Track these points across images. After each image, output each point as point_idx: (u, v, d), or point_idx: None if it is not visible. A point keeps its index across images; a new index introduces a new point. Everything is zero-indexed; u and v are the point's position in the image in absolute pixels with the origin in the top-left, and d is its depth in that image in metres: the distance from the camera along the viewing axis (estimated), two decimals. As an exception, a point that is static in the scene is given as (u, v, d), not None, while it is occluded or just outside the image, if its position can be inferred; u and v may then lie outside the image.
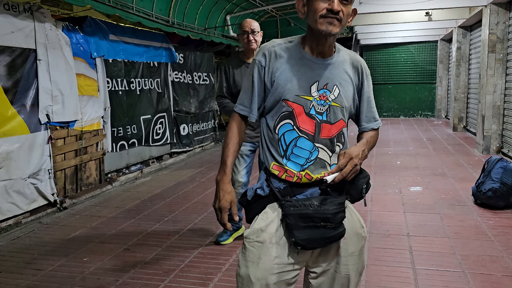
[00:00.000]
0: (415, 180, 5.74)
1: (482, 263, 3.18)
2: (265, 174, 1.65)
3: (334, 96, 1.59)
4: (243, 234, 1.61)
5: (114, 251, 3.58)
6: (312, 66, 1.58)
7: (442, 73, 13.66)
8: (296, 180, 1.57)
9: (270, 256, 1.55)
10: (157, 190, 5.60)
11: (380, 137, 8.03)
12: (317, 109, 1.57)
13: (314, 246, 1.53)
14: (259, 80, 1.62)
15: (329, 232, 1.51)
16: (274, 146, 1.60)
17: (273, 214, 1.58)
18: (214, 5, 8.51)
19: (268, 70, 1.59)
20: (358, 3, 7.84)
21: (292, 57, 1.59)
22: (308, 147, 1.57)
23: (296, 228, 1.50)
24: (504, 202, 4.34)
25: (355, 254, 1.63)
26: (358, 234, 1.64)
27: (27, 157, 4.37)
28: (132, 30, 6.47)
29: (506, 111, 7.25)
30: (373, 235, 3.77)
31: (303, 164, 1.57)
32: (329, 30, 1.49)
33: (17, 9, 4.26)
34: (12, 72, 4.23)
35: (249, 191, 1.66)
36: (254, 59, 1.63)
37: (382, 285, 2.88)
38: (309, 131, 1.57)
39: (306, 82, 1.57)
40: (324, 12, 1.48)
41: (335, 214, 1.50)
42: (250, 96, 1.64)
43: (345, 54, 1.67)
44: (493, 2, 7.17)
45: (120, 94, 6.13)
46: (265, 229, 1.56)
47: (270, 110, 1.62)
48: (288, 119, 1.57)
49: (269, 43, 1.65)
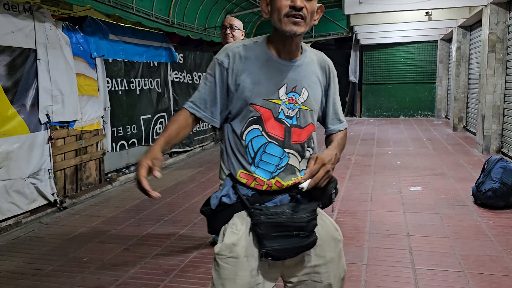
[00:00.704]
0: (415, 180, 5.74)
1: (482, 263, 3.18)
2: (231, 181, 1.54)
3: (303, 99, 1.52)
4: (214, 251, 1.50)
5: (114, 251, 3.58)
6: (280, 68, 1.50)
7: (442, 73, 13.66)
8: (266, 188, 1.49)
9: (247, 270, 1.46)
10: (156, 190, 5.53)
11: (380, 137, 8.00)
12: (286, 113, 1.49)
13: (285, 256, 1.46)
14: (221, 82, 1.51)
15: (302, 241, 1.44)
16: (241, 153, 1.51)
17: (242, 225, 1.49)
18: (214, 5, 8.51)
19: (232, 72, 1.49)
20: (358, 3, 7.83)
21: (258, 58, 1.50)
22: (277, 153, 1.49)
23: (267, 238, 1.42)
24: (504, 202, 4.34)
25: (335, 260, 1.58)
26: (334, 239, 1.59)
27: (27, 157, 4.37)
28: (132, 30, 6.47)
29: (506, 111, 7.24)
30: (373, 235, 3.77)
31: (273, 171, 1.49)
32: (294, 30, 1.42)
33: (17, 9, 4.26)
34: (12, 72, 4.23)
35: (212, 199, 1.54)
36: (216, 58, 1.52)
37: (382, 285, 2.88)
38: (279, 136, 1.49)
39: (274, 85, 1.49)
40: (287, 10, 1.41)
41: (309, 221, 1.44)
42: (210, 98, 1.53)
43: (312, 54, 1.60)
44: (493, 2, 7.17)
45: (120, 94, 6.13)
46: (237, 242, 1.46)
47: (236, 116, 1.51)
48: (256, 124, 1.48)
49: (233, 43, 1.56)
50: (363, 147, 8.55)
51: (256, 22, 11.13)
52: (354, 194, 5.10)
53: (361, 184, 5.58)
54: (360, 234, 3.80)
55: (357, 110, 15.45)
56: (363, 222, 4.12)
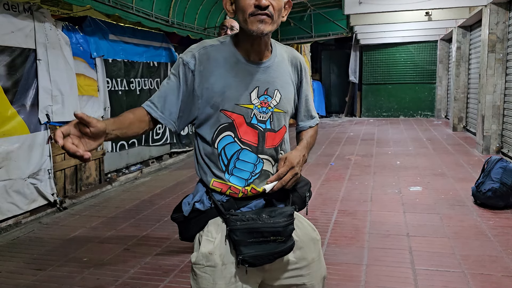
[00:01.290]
0: (414, 180, 5.74)
1: (482, 263, 3.18)
2: (204, 187, 1.49)
3: (276, 101, 1.46)
4: (191, 260, 1.46)
5: (114, 251, 3.58)
6: (249, 70, 1.43)
7: (442, 73, 13.66)
8: (241, 196, 1.45)
9: (225, 278, 1.42)
10: (157, 190, 5.60)
11: (380, 137, 7.98)
12: (259, 117, 1.44)
13: (262, 262, 1.41)
14: (184, 84, 1.42)
15: (279, 246, 1.41)
16: (213, 162, 1.45)
17: (218, 233, 1.44)
18: (214, 5, 8.51)
19: (198, 75, 1.41)
20: (358, 3, 7.83)
21: (227, 61, 1.43)
22: (252, 159, 1.44)
23: (243, 244, 1.38)
24: (504, 202, 4.34)
25: (316, 260, 1.56)
26: (313, 239, 1.57)
27: (27, 157, 4.37)
28: (132, 30, 6.47)
29: (506, 111, 7.24)
30: (373, 235, 3.77)
31: (247, 179, 1.45)
32: (261, 29, 1.35)
33: (17, 9, 4.26)
34: (12, 72, 4.23)
35: (184, 205, 1.49)
36: (181, 58, 1.43)
37: (382, 285, 2.88)
38: (252, 142, 1.44)
39: (245, 89, 1.42)
40: (252, 9, 1.34)
41: (286, 226, 1.41)
42: (171, 100, 1.43)
43: (283, 51, 1.54)
44: (493, 2, 7.17)
45: (120, 94, 6.13)
46: (214, 251, 1.42)
47: (204, 122, 1.44)
48: (228, 131, 1.42)
49: (199, 43, 1.47)
50: (363, 147, 8.55)
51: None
52: (354, 194, 5.10)
53: (361, 184, 5.58)
54: (360, 234, 3.80)
55: (357, 110, 15.46)
56: (363, 222, 4.12)
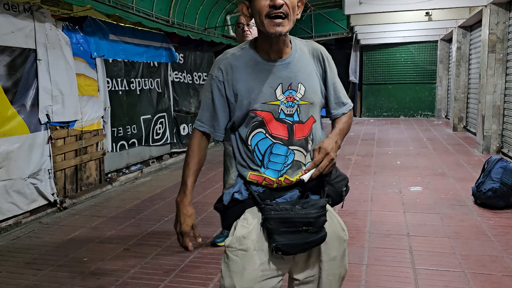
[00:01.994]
0: (415, 180, 5.74)
1: (482, 263, 3.18)
2: (242, 179, 1.59)
3: (301, 94, 1.53)
4: (225, 243, 1.55)
5: (114, 251, 3.58)
6: (271, 69, 1.52)
7: (442, 73, 13.65)
8: (276, 186, 1.54)
9: (255, 264, 1.50)
10: (157, 190, 5.60)
11: (380, 137, 7.96)
12: (286, 112, 1.52)
13: (295, 251, 1.49)
14: (220, 97, 1.55)
15: (310, 237, 1.47)
16: (249, 157, 1.56)
17: (254, 219, 1.53)
18: (214, 5, 8.51)
19: (228, 84, 1.53)
20: (358, 3, 7.83)
21: (248, 65, 1.52)
22: (283, 152, 1.53)
23: (277, 233, 1.46)
24: (504, 202, 4.34)
25: (337, 259, 1.60)
26: (340, 238, 1.61)
27: (27, 157, 4.37)
28: (132, 30, 6.47)
29: (506, 111, 7.24)
30: (373, 235, 3.77)
31: (280, 170, 1.53)
32: (278, 31, 1.43)
33: (17, 9, 4.26)
34: (12, 72, 4.23)
35: (225, 196, 1.60)
36: (210, 74, 1.57)
37: (382, 285, 2.88)
38: (283, 136, 1.53)
39: (269, 87, 1.51)
40: (267, 10, 1.41)
41: (317, 217, 1.46)
42: (210, 114, 1.58)
43: (302, 45, 1.60)
44: (493, 2, 7.17)
45: (120, 94, 6.13)
46: (248, 236, 1.51)
47: (240, 124, 1.56)
48: (260, 128, 1.53)
49: (222, 55, 1.58)
50: (363, 147, 8.55)
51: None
52: (354, 194, 5.10)
53: (361, 184, 5.58)
54: (360, 234, 3.80)
55: (357, 110, 15.45)
56: (363, 222, 4.12)
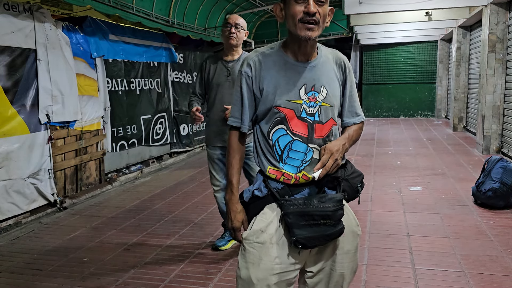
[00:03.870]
0: (415, 180, 5.74)
1: (482, 263, 3.18)
2: (262, 176, 1.67)
3: (322, 96, 1.61)
4: (242, 236, 1.63)
5: (114, 251, 3.58)
6: (297, 70, 1.61)
7: (442, 73, 13.65)
8: (294, 182, 1.60)
9: (271, 256, 1.56)
10: (157, 190, 5.60)
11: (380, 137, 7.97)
12: (308, 111, 1.60)
13: (314, 244, 1.55)
14: (248, 91, 1.64)
15: (329, 229, 1.54)
16: (269, 152, 1.63)
17: (272, 214, 1.60)
18: (214, 5, 8.51)
19: (256, 80, 1.62)
20: (358, 3, 7.83)
21: (276, 63, 1.61)
22: (302, 149, 1.60)
23: (296, 227, 1.53)
24: (504, 202, 4.34)
25: (351, 252, 1.67)
26: (353, 232, 1.68)
27: (27, 157, 4.37)
28: (132, 30, 6.47)
29: (506, 111, 7.24)
30: (373, 235, 3.77)
31: (299, 166, 1.59)
32: (309, 35, 1.52)
33: (17, 9, 4.26)
34: (12, 72, 4.23)
35: (245, 193, 1.68)
36: (240, 71, 1.65)
37: (382, 285, 2.88)
38: (303, 133, 1.60)
39: (294, 86, 1.59)
40: (301, 15, 1.50)
41: (335, 211, 1.54)
42: (240, 108, 1.66)
43: (328, 53, 1.70)
44: (493, 2, 7.17)
45: (120, 94, 6.13)
46: (265, 229, 1.58)
47: (262, 118, 1.64)
48: (281, 124, 1.60)
49: (252, 52, 1.67)
50: (363, 147, 8.55)
51: (256, 22, 11.12)
52: (354, 194, 5.09)
53: (361, 184, 5.58)
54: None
55: (357, 110, 15.44)
56: (363, 222, 4.12)
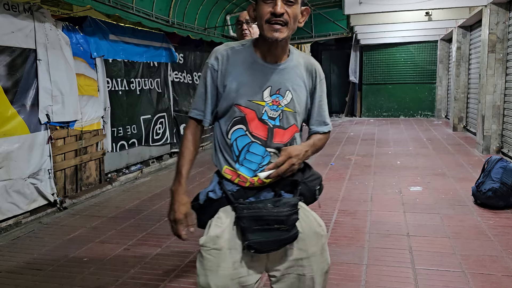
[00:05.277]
0: (415, 180, 5.74)
1: (482, 263, 3.18)
2: (218, 177, 1.62)
3: (286, 101, 1.57)
4: (199, 242, 1.57)
5: (114, 251, 3.58)
6: (264, 71, 1.56)
7: (442, 73, 13.66)
8: (248, 185, 1.56)
9: (229, 262, 1.52)
10: (157, 190, 5.60)
11: (380, 137, 7.97)
12: (269, 114, 1.55)
13: (268, 249, 1.51)
14: (212, 84, 1.59)
15: (283, 234, 1.50)
16: (226, 151, 1.59)
17: (227, 218, 1.55)
18: (214, 5, 8.51)
19: (221, 73, 1.56)
20: (358, 3, 7.83)
21: (245, 61, 1.57)
22: (260, 152, 1.55)
23: (250, 231, 1.49)
24: (504, 202, 4.34)
25: (317, 254, 1.62)
26: (316, 233, 1.63)
27: (27, 157, 4.37)
28: (132, 30, 6.47)
29: (506, 111, 7.24)
30: (373, 235, 3.77)
31: (255, 170, 1.55)
32: (275, 37, 1.47)
33: (17, 9, 4.26)
34: (12, 72, 4.23)
35: (201, 194, 1.63)
36: (207, 62, 1.61)
37: (382, 285, 2.88)
38: (262, 136, 1.55)
39: (258, 87, 1.55)
40: (268, 16, 1.46)
41: (289, 215, 1.49)
42: (203, 100, 1.61)
43: (299, 57, 1.64)
44: (493, 2, 7.17)
45: (120, 94, 6.12)
46: (221, 235, 1.53)
47: (223, 115, 1.59)
48: (241, 124, 1.55)
49: (222, 46, 1.62)
50: (363, 147, 8.55)
51: (256, 22, 11.11)
52: (354, 194, 5.10)
53: (361, 184, 5.58)
54: (360, 234, 3.80)
55: (357, 110, 15.46)
56: (363, 222, 4.12)
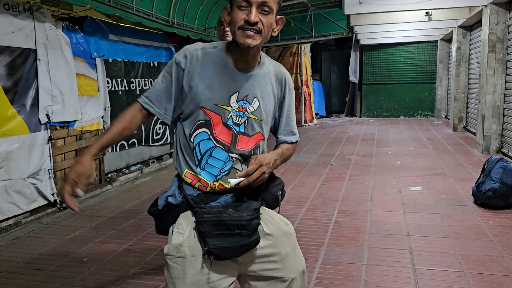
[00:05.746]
0: (415, 180, 5.74)
1: (482, 263, 3.18)
2: (177, 181, 1.59)
3: (253, 108, 1.55)
4: (164, 251, 1.54)
5: (114, 251, 3.58)
6: (234, 76, 1.54)
7: (442, 73, 13.65)
8: (209, 190, 1.53)
9: (195, 269, 1.49)
10: (157, 190, 5.60)
11: (380, 137, 7.99)
12: (234, 120, 1.53)
13: (228, 255, 1.47)
14: (176, 82, 1.54)
15: (244, 240, 1.46)
16: (188, 154, 1.55)
17: (188, 225, 1.52)
18: (214, 5, 8.51)
19: (188, 73, 1.52)
20: (358, 3, 7.83)
21: (215, 64, 1.54)
22: (223, 157, 1.53)
23: (210, 236, 1.45)
24: (504, 202, 4.34)
25: (291, 254, 1.59)
26: (286, 233, 1.60)
27: (27, 157, 4.37)
28: (132, 30, 6.47)
29: (506, 111, 7.24)
30: (373, 235, 3.77)
31: (217, 175, 1.53)
32: (247, 43, 1.45)
33: (17, 9, 4.26)
34: (12, 72, 4.23)
35: (160, 199, 1.58)
36: (174, 57, 1.56)
37: (382, 285, 2.88)
38: (226, 141, 1.53)
39: (226, 92, 1.52)
40: (242, 23, 1.44)
41: (250, 220, 1.46)
42: (166, 96, 1.56)
43: (270, 66, 1.63)
44: (493, 2, 7.17)
45: (120, 94, 6.12)
46: (183, 243, 1.50)
47: (187, 117, 1.55)
48: (205, 128, 1.52)
49: (193, 45, 1.58)
50: (363, 147, 8.55)
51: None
52: (354, 194, 5.10)
53: (361, 184, 5.58)
54: (360, 234, 3.80)
55: (357, 110, 15.46)
56: (363, 222, 4.12)
